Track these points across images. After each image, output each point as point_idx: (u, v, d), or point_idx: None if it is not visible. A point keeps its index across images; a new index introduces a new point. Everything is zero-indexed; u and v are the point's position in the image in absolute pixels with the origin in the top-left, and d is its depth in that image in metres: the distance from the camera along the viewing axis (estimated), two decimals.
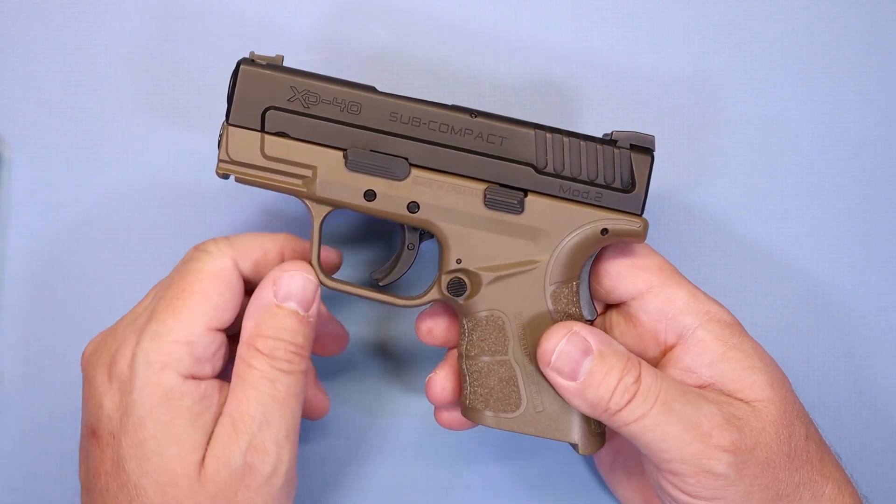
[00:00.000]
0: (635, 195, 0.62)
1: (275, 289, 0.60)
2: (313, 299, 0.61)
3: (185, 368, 0.58)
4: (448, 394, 0.66)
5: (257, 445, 0.58)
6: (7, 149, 0.73)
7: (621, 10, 0.73)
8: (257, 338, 0.59)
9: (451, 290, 0.62)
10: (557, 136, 0.62)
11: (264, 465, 0.58)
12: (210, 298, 0.59)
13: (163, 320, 0.59)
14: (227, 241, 0.62)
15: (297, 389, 0.60)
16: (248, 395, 0.58)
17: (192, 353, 0.58)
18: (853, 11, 0.74)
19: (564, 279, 0.62)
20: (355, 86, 0.61)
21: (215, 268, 0.60)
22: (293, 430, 0.60)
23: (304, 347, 0.60)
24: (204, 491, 0.57)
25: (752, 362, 0.62)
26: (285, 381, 0.59)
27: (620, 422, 0.59)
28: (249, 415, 0.58)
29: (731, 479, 0.59)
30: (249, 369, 0.59)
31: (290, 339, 0.59)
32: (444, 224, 0.62)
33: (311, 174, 0.61)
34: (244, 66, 0.60)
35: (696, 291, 0.64)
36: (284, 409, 0.59)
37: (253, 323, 0.60)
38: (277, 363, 0.59)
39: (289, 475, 0.59)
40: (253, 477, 0.58)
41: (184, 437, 0.57)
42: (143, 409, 0.58)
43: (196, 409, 0.58)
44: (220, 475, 0.57)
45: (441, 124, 0.61)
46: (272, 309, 0.60)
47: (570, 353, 0.60)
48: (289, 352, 0.59)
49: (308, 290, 0.60)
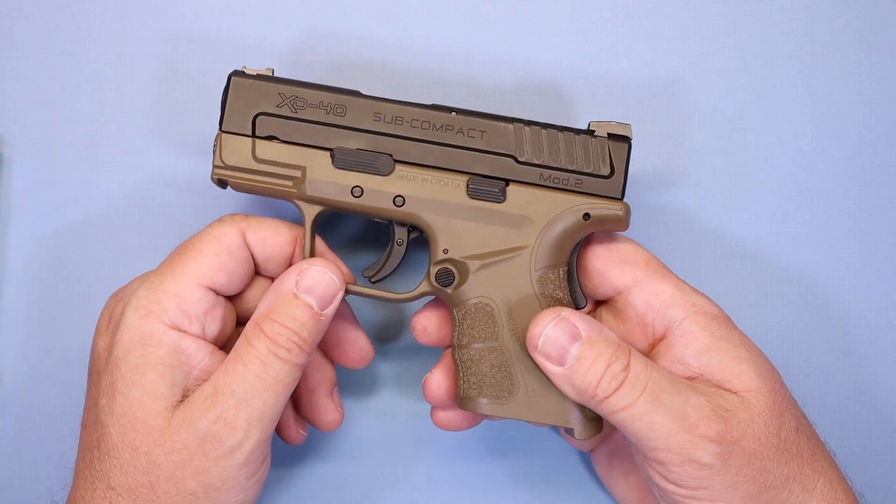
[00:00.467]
0: (614, 180, 0.64)
1: (298, 278, 0.61)
2: (332, 300, 0.62)
3: (170, 319, 0.60)
4: (444, 393, 0.66)
5: (227, 418, 0.58)
6: (7, 149, 0.73)
7: (621, 10, 0.73)
8: (265, 319, 0.60)
9: (440, 280, 0.64)
10: (536, 127, 0.64)
11: (228, 438, 0.59)
12: (205, 257, 0.62)
13: (160, 272, 0.62)
14: (243, 215, 0.64)
15: (288, 380, 0.60)
16: (236, 370, 0.59)
17: (180, 305, 0.60)
18: (853, 11, 0.74)
19: (550, 264, 0.64)
20: (340, 90, 0.64)
21: (219, 231, 0.63)
22: (269, 416, 0.60)
23: (307, 342, 0.61)
24: (162, 443, 0.58)
25: (740, 352, 0.62)
26: (277, 367, 0.60)
27: (608, 409, 0.60)
28: (231, 388, 0.59)
29: (716, 468, 0.59)
30: (247, 347, 0.60)
31: (296, 329, 0.60)
32: (429, 216, 0.64)
33: (301, 174, 0.63)
34: (235, 77, 0.63)
35: (683, 284, 0.64)
36: (267, 392, 0.59)
37: (266, 305, 0.61)
38: (276, 348, 0.60)
39: (251, 457, 0.60)
40: (213, 447, 0.58)
41: (150, 385, 0.59)
42: (120, 350, 0.60)
43: (169, 360, 0.59)
44: (181, 434, 0.58)
45: (423, 121, 0.64)
46: (289, 296, 0.61)
47: (558, 339, 0.60)
48: (290, 340, 0.60)
49: (330, 289, 0.61)
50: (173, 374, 0.59)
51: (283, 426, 0.68)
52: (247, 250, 0.63)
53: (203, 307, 0.61)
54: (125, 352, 0.60)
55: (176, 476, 0.58)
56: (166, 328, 0.60)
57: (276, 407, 0.60)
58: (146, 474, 0.59)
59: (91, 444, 0.61)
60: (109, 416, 0.59)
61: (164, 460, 0.58)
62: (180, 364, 0.60)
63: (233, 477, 0.59)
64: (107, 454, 0.59)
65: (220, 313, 0.63)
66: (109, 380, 0.60)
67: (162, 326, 0.60)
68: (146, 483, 0.59)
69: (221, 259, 0.62)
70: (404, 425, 0.73)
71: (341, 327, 0.67)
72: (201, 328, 0.61)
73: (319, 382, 0.67)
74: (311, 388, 0.67)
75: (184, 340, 0.60)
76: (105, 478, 0.59)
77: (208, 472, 0.59)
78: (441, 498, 0.73)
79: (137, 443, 0.59)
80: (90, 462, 0.60)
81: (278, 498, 0.73)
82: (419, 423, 0.73)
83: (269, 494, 0.73)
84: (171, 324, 0.60)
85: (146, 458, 0.58)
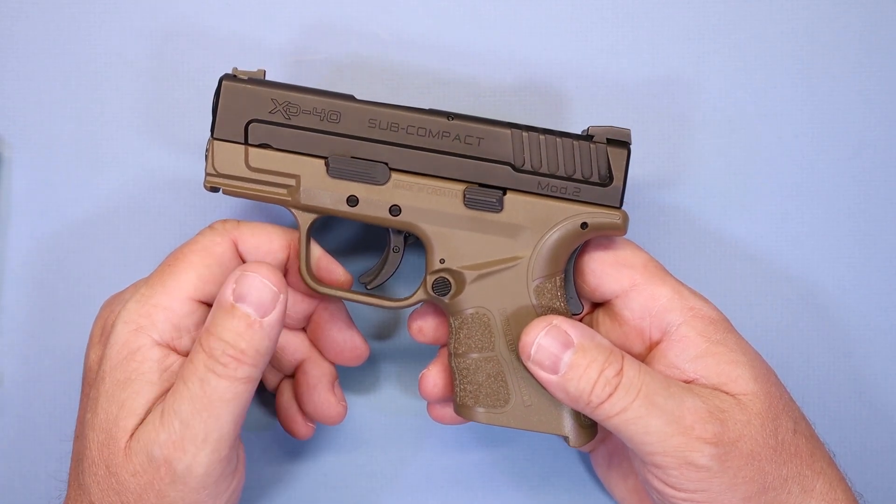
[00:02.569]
0: (613, 188, 0.63)
1: (234, 286, 0.57)
2: (272, 306, 0.57)
3: (160, 335, 0.59)
4: (439, 390, 0.66)
5: (175, 441, 0.56)
6: (7, 149, 0.73)
7: (621, 10, 0.73)
8: (204, 332, 0.58)
9: (437, 289, 0.63)
10: (534, 134, 0.63)
11: (178, 462, 0.56)
12: (196, 269, 0.60)
13: (151, 285, 0.60)
14: (234, 222, 0.63)
15: (228, 396, 0.57)
16: (178, 390, 0.57)
17: (170, 319, 0.59)
18: (853, 11, 0.74)
19: (548, 274, 0.63)
20: (334, 95, 0.63)
21: (209, 241, 0.61)
22: (215, 437, 0.57)
23: (246, 354, 0.57)
24: (126, 465, 0.57)
25: (736, 357, 0.62)
26: (213, 384, 0.56)
27: (603, 415, 0.59)
28: (174, 409, 0.57)
29: (713, 471, 0.59)
30: (188, 364, 0.57)
31: (231, 342, 0.56)
32: (425, 225, 0.63)
33: (295, 183, 0.62)
34: (226, 81, 0.62)
35: (681, 288, 0.64)
36: (207, 412, 0.56)
37: (209, 318, 0.58)
38: (212, 364, 0.56)
39: (207, 480, 0.57)
40: (166, 471, 0.57)
41: (128, 401, 0.58)
42: (107, 364, 0.59)
43: (151, 377, 0.58)
44: (139, 458, 0.57)
45: (419, 128, 0.63)
46: (227, 307, 0.57)
47: (549, 347, 0.60)
48: (226, 354, 0.56)
49: (264, 295, 0.57)
50: (153, 391, 0.58)
51: (291, 422, 0.68)
52: (238, 259, 0.62)
53: (193, 320, 0.60)
54: (112, 366, 0.59)
55: (143, 499, 0.57)
56: (153, 344, 0.59)
57: (223, 426, 0.57)
58: (118, 494, 0.58)
59: (77, 455, 0.60)
60: (91, 430, 0.58)
61: (130, 482, 0.57)
62: (161, 381, 0.58)
63: (195, 501, 0.58)
64: (87, 469, 0.59)
65: None
66: (95, 393, 0.59)
67: (149, 342, 0.59)
68: (119, 503, 0.58)
69: (212, 270, 0.61)
70: (403, 423, 0.73)
71: (336, 328, 0.67)
72: (192, 341, 0.60)
73: (319, 378, 0.67)
74: (311, 384, 0.67)
75: (168, 357, 0.59)
76: (88, 493, 0.59)
77: (168, 496, 0.57)
78: (440, 497, 0.73)
79: (109, 460, 0.58)
80: (77, 474, 0.60)
81: (277, 497, 0.73)
82: (419, 420, 0.73)
83: (267, 493, 0.73)
84: (160, 339, 0.59)
85: (115, 478, 0.57)
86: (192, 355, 0.58)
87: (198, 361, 0.57)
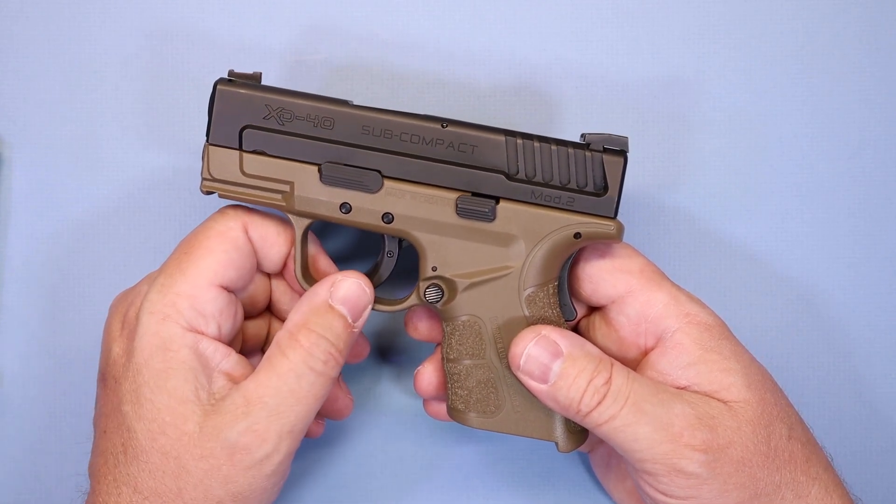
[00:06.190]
0: (608, 198, 0.62)
1: (332, 290, 0.61)
2: (363, 312, 0.62)
3: (186, 321, 0.60)
4: (434, 388, 0.67)
5: (258, 430, 0.58)
6: (7, 149, 0.73)
7: (621, 10, 0.73)
8: (302, 328, 0.60)
9: (429, 296, 0.63)
10: (528, 141, 0.62)
11: (258, 450, 0.58)
12: (214, 254, 0.61)
13: (170, 273, 0.61)
14: (244, 208, 0.64)
15: (321, 392, 0.60)
16: (270, 381, 0.59)
17: (194, 306, 0.60)
18: (853, 11, 0.73)
19: (540, 283, 0.63)
20: (329, 101, 0.62)
21: (224, 227, 0.62)
22: (299, 428, 0.60)
23: (342, 353, 0.60)
24: (192, 449, 0.58)
25: (729, 364, 0.62)
26: (311, 380, 0.59)
27: (592, 423, 0.60)
28: (263, 400, 0.58)
29: (703, 477, 0.59)
30: (282, 357, 0.59)
31: (333, 341, 0.60)
32: (418, 233, 0.63)
33: (289, 189, 0.62)
34: (221, 86, 0.62)
35: (678, 293, 0.64)
36: (300, 406, 0.59)
37: (300, 315, 0.60)
38: (312, 360, 0.59)
39: (280, 468, 0.60)
40: (242, 457, 0.58)
41: (175, 388, 0.59)
42: (141, 357, 0.59)
43: (192, 364, 0.59)
44: (211, 443, 0.58)
45: (412, 135, 0.62)
46: (325, 307, 0.60)
47: (539, 357, 0.61)
48: (327, 352, 0.59)
49: (361, 301, 0.61)
50: (196, 377, 0.59)
51: None
52: (250, 245, 0.63)
53: (217, 306, 0.61)
54: (146, 357, 0.59)
55: (204, 483, 0.58)
56: (184, 331, 0.59)
57: (308, 419, 0.60)
58: (175, 479, 0.58)
59: (114, 448, 0.60)
60: (137, 421, 0.59)
61: (193, 466, 0.58)
62: (201, 366, 0.59)
63: (260, 486, 0.59)
64: (134, 458, 0.59)
65: (233, 310, 0.62)
66: (132, 386, 0.59)
67: (180, 329, 0.59)
68: (174, 488, 0.58)
69: (230, 255, 0.61)
70: (403, 422, 0.74)
71: None
72: (217, 327, 0.61)
73: None
74: None
75: (202, 342, 0.60)
76: (132, 482, 0.59)
77: (236, 481, 0.58)
78: (440, 497, 0.73)
79: (168, 447, 0.58)
80: (113, 467, 0.60)
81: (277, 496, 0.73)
82: (419, 420, 0.73)
83: None
84: (187, 326, 0.60)
85: (175, 462, 0.58)
86: (286, 350, 0.59)
87: (294, 357, 0.59)
